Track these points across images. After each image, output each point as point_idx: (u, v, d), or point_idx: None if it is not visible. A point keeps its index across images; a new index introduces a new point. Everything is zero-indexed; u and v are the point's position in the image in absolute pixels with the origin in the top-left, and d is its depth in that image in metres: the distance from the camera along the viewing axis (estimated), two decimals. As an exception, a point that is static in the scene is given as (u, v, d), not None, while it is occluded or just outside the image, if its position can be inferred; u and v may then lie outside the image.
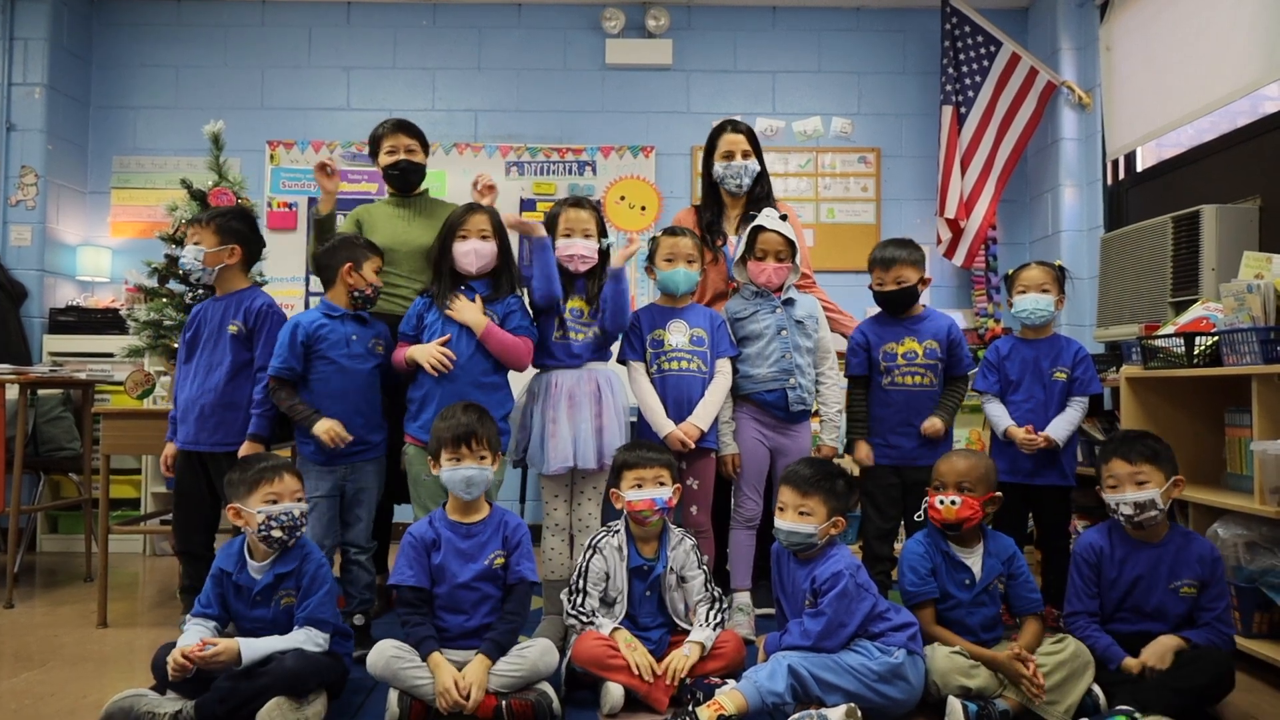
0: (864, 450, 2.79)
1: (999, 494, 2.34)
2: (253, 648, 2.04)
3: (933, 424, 2.71)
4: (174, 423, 2.72)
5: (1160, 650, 2.15)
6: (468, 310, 2.59)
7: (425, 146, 3.06)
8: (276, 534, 2.17)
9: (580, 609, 2.33)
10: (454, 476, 2.25)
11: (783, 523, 2.24)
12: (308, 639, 2.12)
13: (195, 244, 2.66)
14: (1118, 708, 2.00)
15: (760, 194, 3.13)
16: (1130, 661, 2.17)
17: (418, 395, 2.60)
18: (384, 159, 2.99)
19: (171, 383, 2.95)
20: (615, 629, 2.27)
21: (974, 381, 2.87)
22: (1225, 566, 2.43)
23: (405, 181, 3.00)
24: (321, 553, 2.29)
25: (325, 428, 2.44)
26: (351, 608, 2.58)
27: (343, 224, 3.04)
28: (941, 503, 2.29)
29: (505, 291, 2.67)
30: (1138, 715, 1.95)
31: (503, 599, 2.26)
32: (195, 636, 2.08)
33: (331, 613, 2.20)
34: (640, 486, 2.37)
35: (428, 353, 2.55)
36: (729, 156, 3.09)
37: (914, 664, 2.11)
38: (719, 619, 2.35)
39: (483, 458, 2.27)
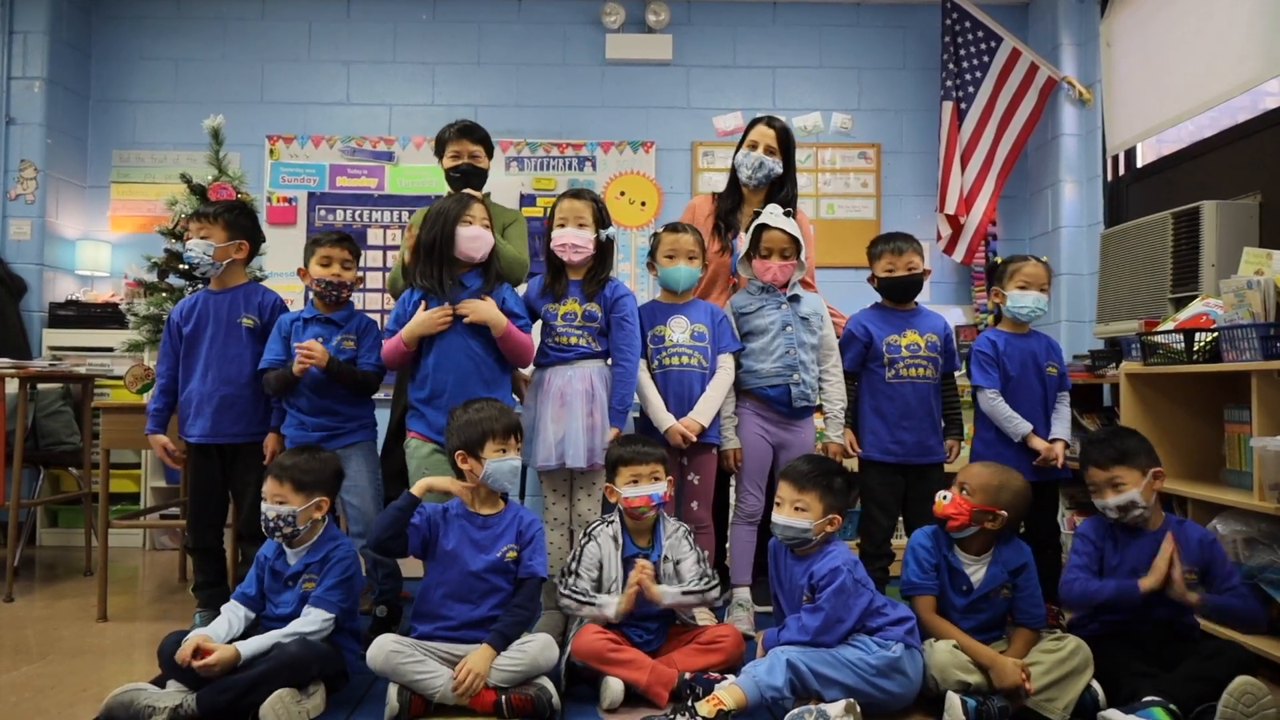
0: (850, 436, 2.82)
1: (1004, 513, 2.24)
2: (251, 648, 2.06)
3: (952, 450, 2.83)
4: (156, 415, 2.72)
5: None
6: (485, 309, 2.51)
7: (490, 150, 3.03)
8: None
9: (574, 589, 2.34)
10: (502, 467, 2.25)
11: (779, 517, 2.25)
12: (306, 624, 2.13)
13: (203, 238, 2.67)
14: (1147, 699, 1.97)
15: (781, 198, 3.02)
16: (1145, 581, 2.13)
17: (422, 395, 2.55)
18: (447, 162, 2.96)
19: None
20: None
21: (972, 377, 2.79)
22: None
23: (466, 185, 2.94)
24: (350, 544, 2.32)
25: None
26: (375, 596, 2.59)
27: (410, 219, 3.04)
28: (944, 497, 2.30)
29: (495, 282, 2.61)
30: (1173, 707, 1.93)
31: (512, 593, 2.26)
32: (224, 623, 2.17)
33: (341, 599, 2.20)
34: (636, 483, 2.37)
35: (432, 320, 2.48)
36: (752, 146, 3.06)
37: (912, 658, 2.11)
38: (702, 585, 2.35)
39: (518, 449, 2.32)
